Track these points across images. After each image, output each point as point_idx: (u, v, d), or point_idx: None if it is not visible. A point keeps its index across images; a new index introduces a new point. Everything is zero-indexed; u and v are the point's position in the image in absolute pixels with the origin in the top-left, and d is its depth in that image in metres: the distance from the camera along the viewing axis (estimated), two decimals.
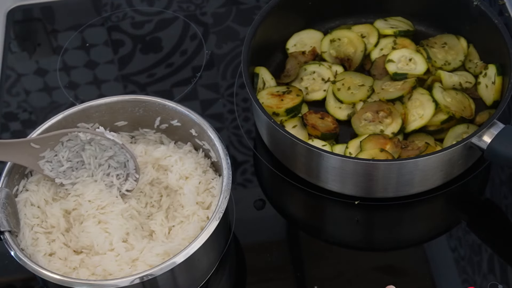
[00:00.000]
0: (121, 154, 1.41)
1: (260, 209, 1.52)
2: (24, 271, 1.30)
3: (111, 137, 1.40)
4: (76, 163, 1.42)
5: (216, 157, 1.42)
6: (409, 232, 1.51)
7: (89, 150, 1.41)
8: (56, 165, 1.41)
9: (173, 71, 1.75)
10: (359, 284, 1.42)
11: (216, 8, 1.87)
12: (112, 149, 1.41)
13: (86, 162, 1.41)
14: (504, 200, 1.51)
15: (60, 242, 1.37)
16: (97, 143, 1.41)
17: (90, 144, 1.41)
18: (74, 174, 1.42)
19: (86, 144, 1.40)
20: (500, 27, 1.54)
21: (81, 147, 1.41)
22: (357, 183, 1.46)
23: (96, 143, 1.41)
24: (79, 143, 1.41)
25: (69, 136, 1.40)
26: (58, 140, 1.40)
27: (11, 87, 1.75)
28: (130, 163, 1.41)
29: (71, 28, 1.84)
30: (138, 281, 1.26)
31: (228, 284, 1.44)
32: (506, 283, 1.39)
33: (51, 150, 1.40)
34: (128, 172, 1.42)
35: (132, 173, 1.42)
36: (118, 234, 1.35)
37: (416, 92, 1.56)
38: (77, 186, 1.41)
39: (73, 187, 1.41)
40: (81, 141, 1.40)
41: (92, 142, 1.40)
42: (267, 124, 1.50)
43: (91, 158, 1.41)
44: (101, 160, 1.41)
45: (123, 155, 1.41)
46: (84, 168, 1.42)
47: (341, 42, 1.67)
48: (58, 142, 1.40)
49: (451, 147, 1.41)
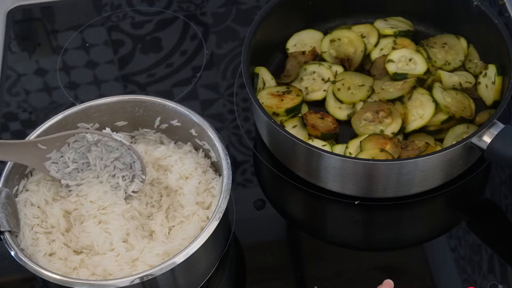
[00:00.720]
0: (128, 155, 1.41)
1: (260, 209, 1.52)
2: (24, 271, 1.30)
3: (118, 138, 1.40)
4: (81, 164, 1.42)
5: (216, 157, 1.42)
6: (409, 232, 1.51)
7: (95, 151, 1.41)
8: (62, 166, 1.41)
9: (173, 71, 1.75)
10: (359, 284, 1.42)
11: (216, 8, 1.87)
12: (119, 150, 1.41)
13: (92, 164, 1.41)
14: (504, 200, 1.51)
15: (60, 242, 1.37)
16: (104, 144, 1.40)
17: (97, 145, 1.40)
18: (79, 175, 1.41)
19: (93, 145, 1.40)
20: (500, 27, 1.54)
21: (87, 149, 1.41)
22: (357, 183, 1.46)
23: (103, 144, 1.40)
24: (85, 144, 1.40)
25: (76, 137, 1.40)
26: (65, 141, 1.40)
27: (11, 87, 1.75)
28: (136, 164, 1.41)
29: (71, 28, 1.84)
30: (138, 281, 1.26)
31: (228, 284, 1.44)
32: (506, 283, 1.39)
33: (57, 151, 1.40)
34: (134, 173, 1.42)
35: (138, 174, 1.41)
36: (118, 234, 1.34)
37: (416, 92, 1.56)
38: (82, 187, 1.41)
39: (78, 188, 1.41)
40: (88, 142, 1.40)
41: (98, 143, 1.40)
42: (267, 124, 1.50)
43: (97, 160, 1.41)
44: (107, 162, 1.41)
45: (129, 156, 1.41)
46: (90, 170, 1.42)
47: (341, 42, 1.67)
48: (65, 143, 1.40)
49: (451, 147, 1.41)
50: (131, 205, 1.40)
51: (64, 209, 1.39)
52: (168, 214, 1.41)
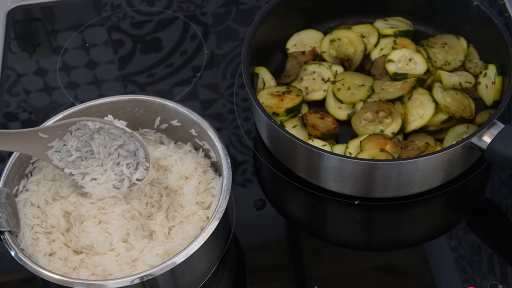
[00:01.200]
0: (131, 142, 1.39)
1: (260, 209, 1.52)
2: (24, 271, 1.30)
3: (120, 126, 1.38)
4: (85, 153, 1.40)
5: (216, 157, 1.42)
6: (409, 232, 1.51)
7: (98, 139, 1.39)
8: (65, 155, 1.39)
9: (173, 71, 1.75)
10: (359, 284, 1.42)
11: (216, 8, 1.87)
12: (122, 138, 1.39)
13: (96, 152, 1.40)
14: (504, 200, 1.51)
15: (60, 242, 1.37)
16: (106, 132, 1.39)
17: (99, 133, 1.39)
18: (83, 163, 1.40)
19: (95, 133, 1.38)
20: (500, 27, 1.54)
21: (90, 136, 1.39)
22: (357, 183, 1.46)
23: (105, 132, 1.39)
24: (87, 132, 1.39)
25: (78, 125, 1.38)
26: (67, 129, 1.38)
27: (11, 87, 1.75)
28: (140, 151, 1.39)
29: (71, 28, 1.84)
30: (138, 281, 1.26)
31: (228, 284, 1.44)
32: (506, 283, 1.39)
33: (60, 140, 1.39)
34: (138, 161, 1.40)
35: (142, 162, 1.40)
36: (118, 234, 1.34)
37: (416, 92, 1.56)
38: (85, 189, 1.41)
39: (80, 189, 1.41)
40: (90, 130, 1.38)
41: (101, 131, 1.39)
42: (267, 124, 1.50)
43: (100, 147, 1.39)
44: (111, 149, 1.39)
45: (132, 143, 1.39)
46: (94, 158, 1.40)
47: (341, 42, 1.67)
48: (67, 131, 1.39)
49: (451, 147, 1.41)
50: (131, 205, 1.40)
51: (64, 209, 1.39)
52: (168, 214, 1.41)
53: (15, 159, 1.40)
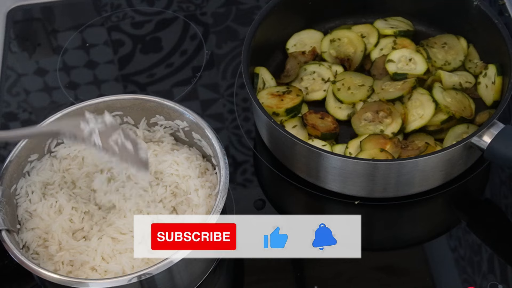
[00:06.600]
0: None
1: (260, 209, 1.52)
2: (23, 271, 1.30)
3: (108, 121, 1.34)
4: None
5: (214, 157, 1.42)
6: (409, 232, 1.51)
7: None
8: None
9: (173, 71, 1.75)
10: (359, 284, 1.41)
11: (216, 8, 1.87)
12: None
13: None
14: (504, 200, 1.51)
15: (60, 242, 1.36)
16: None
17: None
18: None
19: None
20: (500, 27, 1.54)
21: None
22: (357, 183, 1.46)
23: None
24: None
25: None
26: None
27: (11, 87, 1.75)
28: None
29: (71, 28, 1.84)
30: (136, 280, 1.25)
31: (226, 283, 1.43)
32: (506, 283, 1.39)
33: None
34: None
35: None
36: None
37: (416, 92, 1.56)
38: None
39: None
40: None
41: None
42: (267, 124, 1.50)
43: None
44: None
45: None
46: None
47: (341, 42, 1.66)
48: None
49: (451, 147, 1.41)
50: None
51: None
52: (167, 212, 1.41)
53: (14, 158, 1.39)
